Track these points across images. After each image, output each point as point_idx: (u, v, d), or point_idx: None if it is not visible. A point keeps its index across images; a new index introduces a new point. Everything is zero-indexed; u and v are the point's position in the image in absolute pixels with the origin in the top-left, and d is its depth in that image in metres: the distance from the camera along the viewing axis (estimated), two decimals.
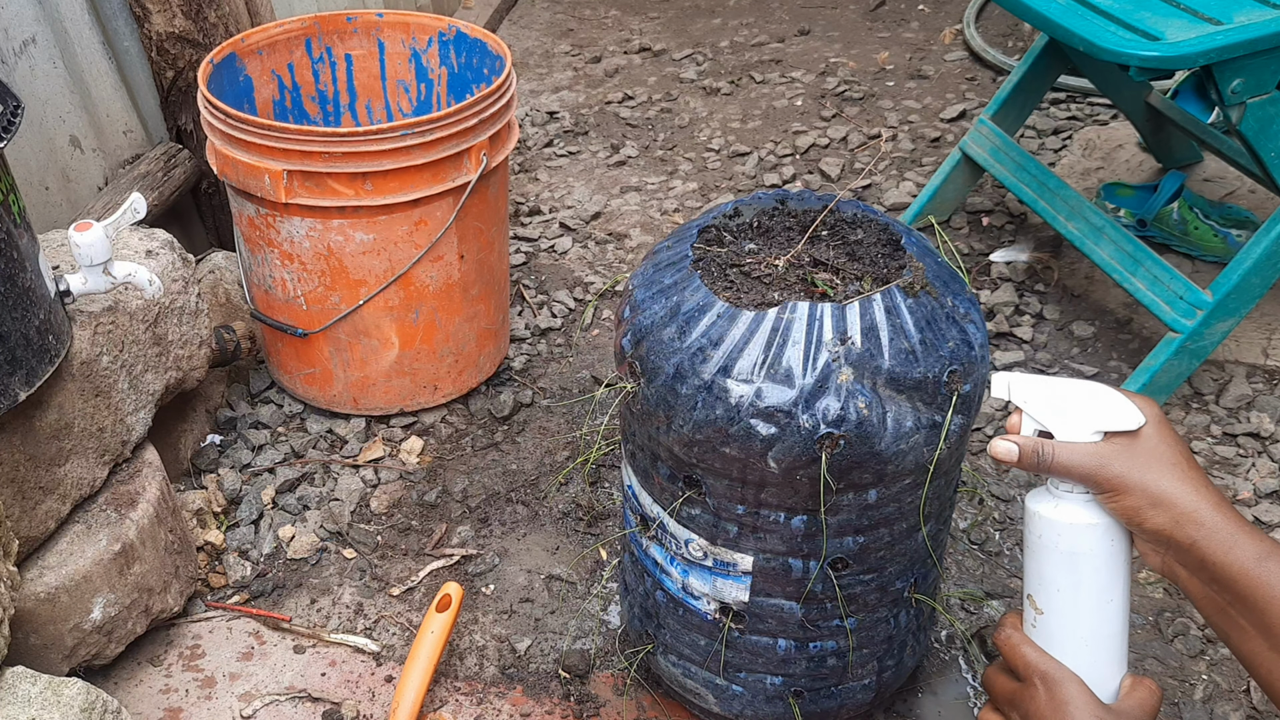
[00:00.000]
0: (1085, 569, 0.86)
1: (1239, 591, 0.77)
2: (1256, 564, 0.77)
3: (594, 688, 1.38)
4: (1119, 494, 0.83)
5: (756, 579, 1.09)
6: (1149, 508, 0.81)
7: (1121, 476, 0.83)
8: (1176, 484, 0.81)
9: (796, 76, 2.94)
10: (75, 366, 1.28)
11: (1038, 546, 0.89)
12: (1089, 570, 0.86)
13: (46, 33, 1.62)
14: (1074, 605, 0.88)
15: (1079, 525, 0.86)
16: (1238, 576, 0.77)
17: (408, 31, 1.85)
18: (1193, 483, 0.81)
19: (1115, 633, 0.88)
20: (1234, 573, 0.77)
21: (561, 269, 2.21)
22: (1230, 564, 0.78)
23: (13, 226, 1.11)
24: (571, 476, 1.70)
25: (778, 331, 0.95)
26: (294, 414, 1.83)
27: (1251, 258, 1.59)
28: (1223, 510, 0.80)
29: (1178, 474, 0.82)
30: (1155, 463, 0.83)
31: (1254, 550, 0.77)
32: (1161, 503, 0.81)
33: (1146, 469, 0.82)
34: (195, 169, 1.92)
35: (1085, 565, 0.86)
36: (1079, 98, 2.67)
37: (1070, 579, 0.87)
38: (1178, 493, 0.81)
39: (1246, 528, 0.79)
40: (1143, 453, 0.83)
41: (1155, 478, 0.82)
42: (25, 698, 1.04)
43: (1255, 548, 0.77)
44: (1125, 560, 0.87)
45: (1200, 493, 0.81)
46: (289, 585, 1.54)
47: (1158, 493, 0.81)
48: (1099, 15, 1.57)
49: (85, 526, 1.32)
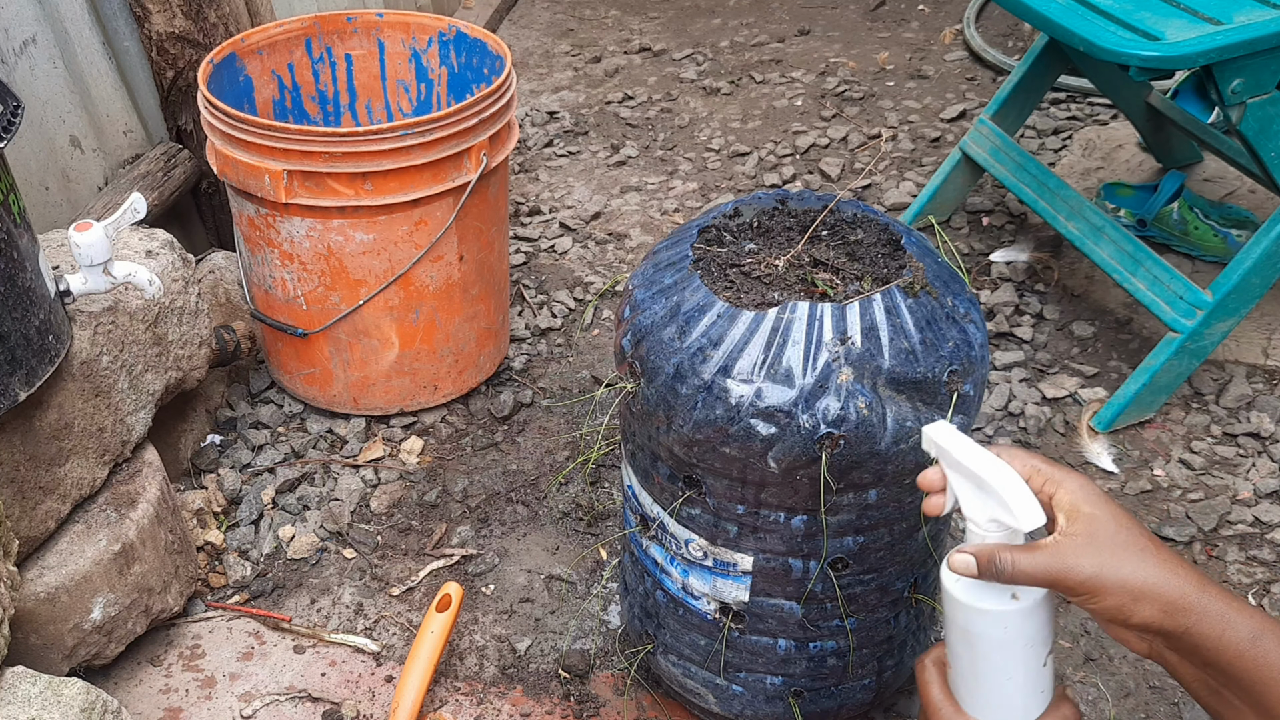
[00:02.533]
0: (980, 648, 0.82)
1: (1234, 674, 0.74)
2: (1251, 644, 0.73)
3: (594, 688, 1.38)
4: (1095, 595, 0.76)
5: (756, 579, 1.09)
6: (1132, 604, 0.75)
7: (1094, 577, 0.76)
8: (1156, 571, 0.75)
9: (796, 76, 2.94)
10: (75, 366, 1.28)
11: (963, 634, 0.84)
12: (984, 650, 0.82)
13: (46, 33, 1.62)
14: (973, 675, 0.84)
15: (972, 608, 0.80)
16: (1233, 659, 0.73)
17: (408, 31, 1.85)
18: (1169, 565, 0.76)
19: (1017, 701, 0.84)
20: (1230, 656, 0.73)
21: (561, 269, 2.21)
22: (1225, 647, 0.73)
23: (13, 226, 1.11)
24: (571, 476, 1.70)
25: (778, 331, 0.95)
26: (294, 414, 1.83)
27: (1251, 258, 1.59)
28: (1208, 590, 0.75)
29: (1151, 560, 0.76)
30: (1124, 552, 0.76)
31: (1247, 630, 0.73)
32: (1145, 596, 0.75)
33: (1119, 562, 0.75)
34: (195, 169, 1.92)
35: (980, 645, 0.82)
36: (1079, 98, 2.67)
37: (967, 652, 0.83)
38: (1159, 581, 0.75)
39: (1235, 604, 0.75)
40: (1107, 543, 0.77)
41: (1131, 570, 0.75)
42: (25, 698, 1.04)
43: (1248, 626, 0.74)
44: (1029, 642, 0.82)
45: (1180, 573, 0.75)
46: (289, 585, 1.54)
47: (1139, 587, 0.75)
48: (1099, 15, 1.57)
49: (85, 526, 1.32)
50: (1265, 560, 1.52)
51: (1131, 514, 0.80)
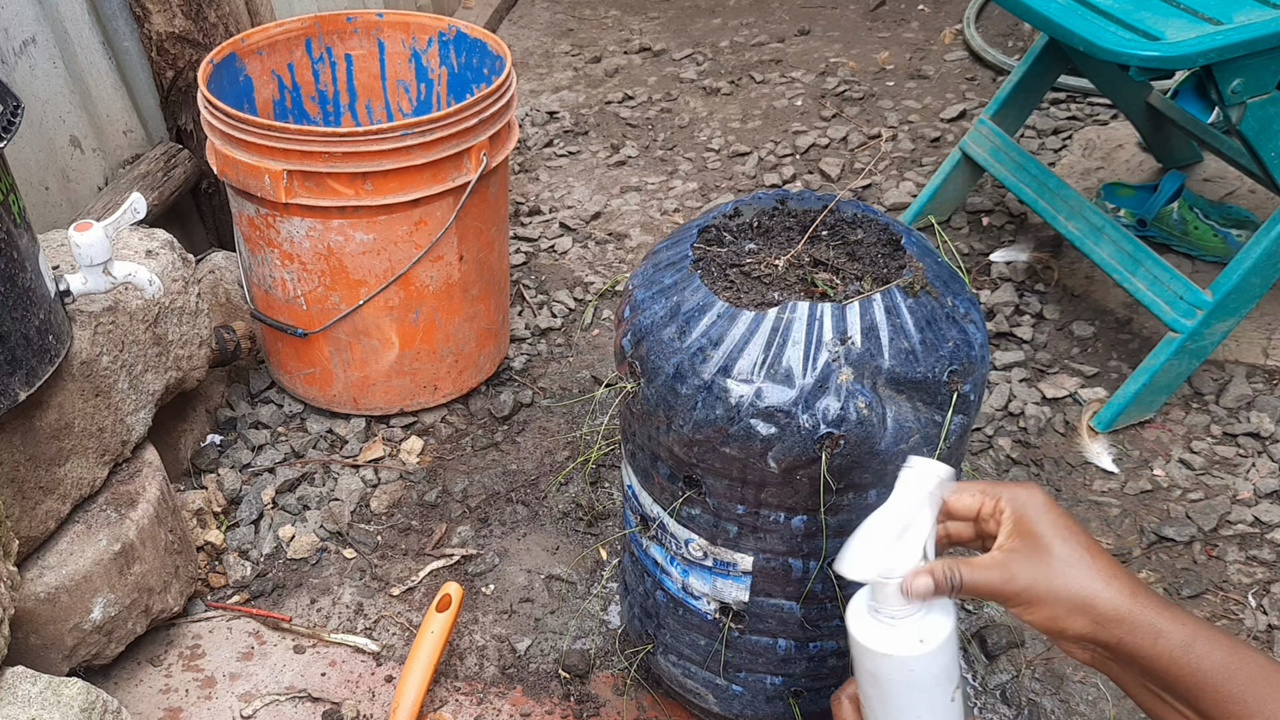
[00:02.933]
0: (888, 690, 0.84)
1: (1170, 681, 0.75)
2: (1184, 651, 0.74)
3: (594, 688, 1.38)
4: (1031, 606, 0.78)
5: (756, 579, 1.09)
6: (1066, 615, 0.77)
7: (1029, 588, 0.78)
8: (1089, 583, 0.77)
9: (796, 76, 2.94)
10: (75, 366, 1.28)
11: (872, 677, 0.86)
12: (892, 691, 0.84)
13: (46, 33, 1.62)
14: (884, 714, 0.86)
15: (877, 654, 0.82)
16: (1168, 667, 0.75)
17: (408, 31, 1.85)
18: (1104, 575, 0.77)
19: None
20: (1164, 664, 0.75)
21: (561, 269, 2.21)
22: (1159, 656, 0.75)
23: (13, 226, 1.11)
24: (571, 476, 1.70)
25: (778, 331, 0.95)
26: (294, 414, 1.83)
27: (1251, 258, 1.59)
28: (1140, 599, 0.76)
29: (1087, 572, 0.77)
30: (1061, 564, 0.78)
31: (1180, 638, 0.75)
32: (1080, 607, 0.77)
33: (1054, 574, 0.77)
34: (195, 169, 1.92)
35: (888, 687, 0.84)
36: (1079, 98, 2.67)
37: (876, 693, 0.85)
38: (1094, 591, 0.76)
39: (1168, 612, 0.76)
40: (1044, 555, 0.78)
41: (1066, 581, 0.77)
42: (25, 698, 1.04)
43: (1180, 634, 0.75)
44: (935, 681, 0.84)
45: (1113, 584, 0.77)
46: (289, 585, 1.54)
47: (1072, 597, 0.77)
48: (1099, 15, 1.57)
49: (85, 526, 1.32)
50: (1265, 560, 1.52)
51: (1077, 525, 0.81)
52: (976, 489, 0.85)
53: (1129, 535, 1.57)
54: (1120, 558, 1.52)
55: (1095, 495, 1.64)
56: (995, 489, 0.84)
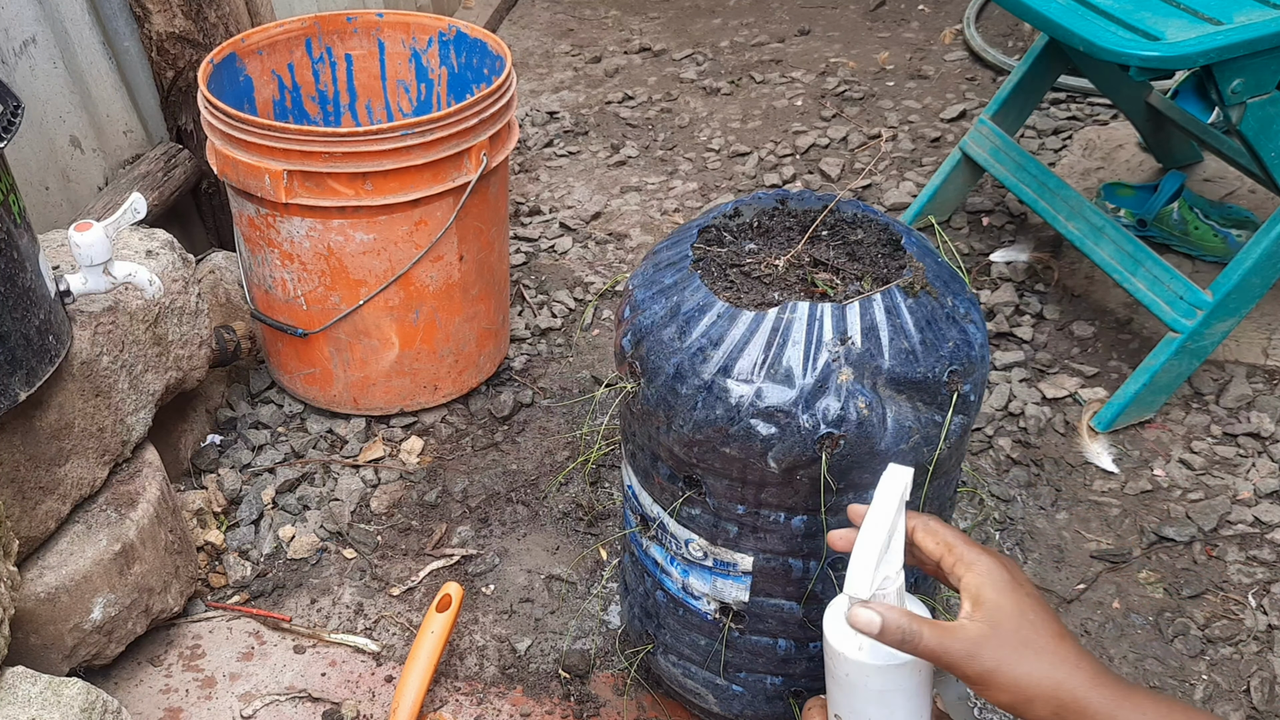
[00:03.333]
0: (898, 702, 0.84)
1: None
2: None
3: (594, 688, 1.38)
4: (990, 688, 0.78)
5: (757, 579, 1.09)
6: (1026, 703, 0.76)
7: (992, 671, 0.77)
8: (1053, 670, 0.76)
9: (796, 76, 2.94)
10: (75, 367, 1.28)
11: (845, 684, 0.86)
12: (902, 701, 0.84)
13: (46, 33, 1.62)
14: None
15: (890, 667, 0.82)
16: None
17: (408, 31, 1.85)
18: (1068, 663, 0.77)
19: None
20: None
21: (561, 269, 2.21)
22: None
23: (13, 226, 1.11)
24: (571, 476, 1.70)
25: (778, 331, 0.95)
26: (294, 414, 1.83)
27: (1251, 258, 1.59)
28: (1100, 685, 0.76)
29: (1048, 659, 0.77)
30: (1023, 649, 0.77)
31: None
32: (1042, 696, 0.76)
33: (1016, 660, 0.77)
34: (195, 169, 1.92)
35: (897, 699, 0.84)
36: (1079, 98, 2.67)
37: (883, 712, 0.85)
38: (1056, 682, 0.76)
39: (1129, 700, 0.75)
40: (1008, 637, 0.78)
41: (1030, 669, 0.76)
42: (25, 698, 1.04)
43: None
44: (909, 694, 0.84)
45: (1078, 673, 0.76)
46: (289, 585, 1.54)
47: (1034, 686, 0.76)
48: (1099, 15, 1.57)
49: (85, 527, 1.32)
50: (1265, 560, 1.52)
51: (1040, 601, 0.80)
52: (942, 540, 0.84)
53: (1129, 535, 1.57)
54: (1120, 558, 1.53)
55: (1095, 495, 1.64)
56: (960, 549, 0.83)
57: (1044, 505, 1.63)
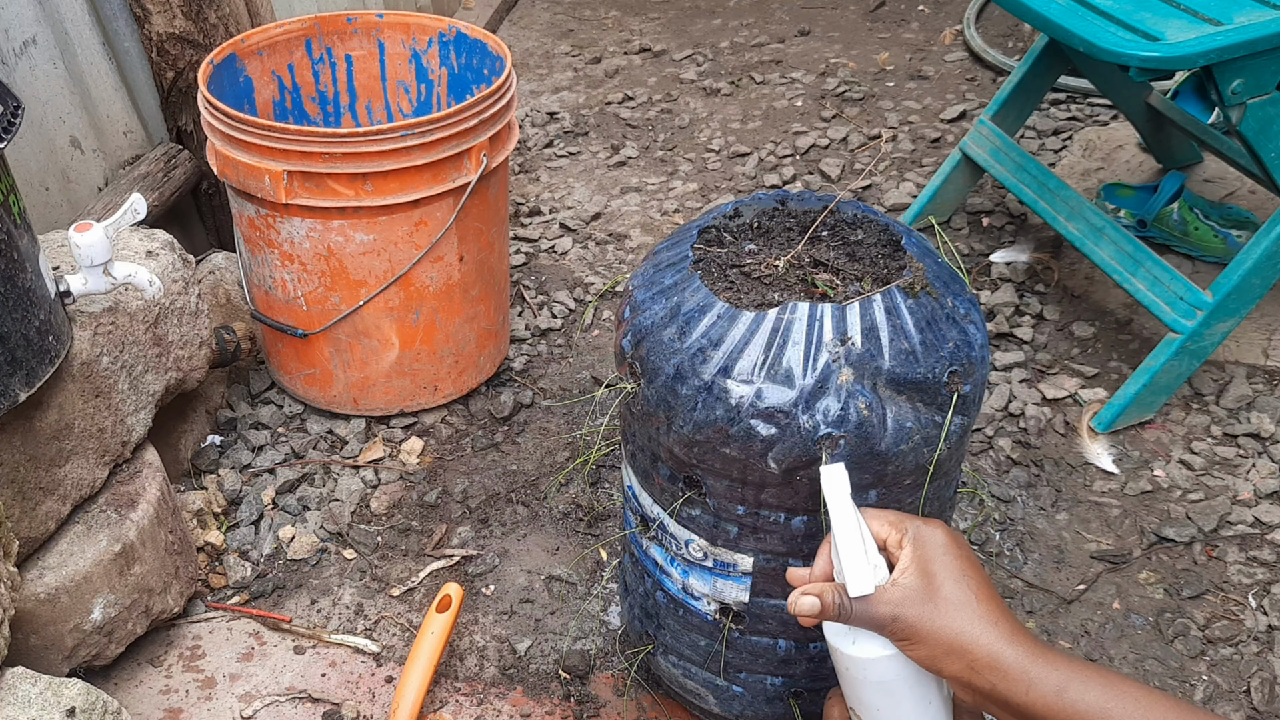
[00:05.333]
0: (900, 690, 0.86)
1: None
2: (1057, 696, 0.75)
3: (594, 688, 1.38)
4: (912, 644, 0.81)
5: (757, 579, 1.09)
6: (943, 656, 0.79)
7: (913, 626, 0.80)
8: (969, 625, 0.79)
9: (797, 77, 2.94)
10: (75, 367, 1.28)
11: (849, 678, 0.88)
12: (904, 689, 0.86)
13: (47, 33, 1.62)
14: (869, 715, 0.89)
15: (882, 658, 0.85)
16: (1043, 713, 0.76)
17: (408, 32, 1.85)
18: (985, 620, 0.79)
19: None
20: (1039, 710, 0.76)
21: (561, 269, 2.21)
22: (1033, 703, 0.76)
23: (13, 227, 1.11)
24: (571, 477, 1.70)
25: (778, 332, 0.95)
26: (294, 414, 1.83)
27: (1251, 258, 1.59)
28: (1017, 643, 0.78)
29: (969, 614, 0.79)
30: (946, 605, 0.80)
31: (1053, 683, 0.76)
32: (955, 650, 0.78)
33: (937, 614, 0.80)
34: (195, 169, 1.92)
35: (899, 687, 0.86)
36: (1079, 98, 2.67)
37: (888, 700, 0.87)
38: (971, 636, 0.78)
39: (1042, 658, 0.77)
40: (933, 595, 0.81)
41: (946, 623, 0.79)
42: (25, 698, 1.04)
43: (1054, 680, 0.76)
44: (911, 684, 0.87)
45: (993, 629, 0.78)
46: (289, 586, 1.54)
47: (950, 640, 0.79)
48: (1099, 15, 1.57)
49: (85, 527, 1.32)
50: (1265, 561, 1.52)
51: (974, 566, 0.83)
52: (887, 520, 0.87)
53: (1129, 536, 1.57)
54: (1120, 558, 1.53)
55: (1095, 496, 1.64)
56: (903, 522, 0.86)
57: (1044, 506, 1.63)
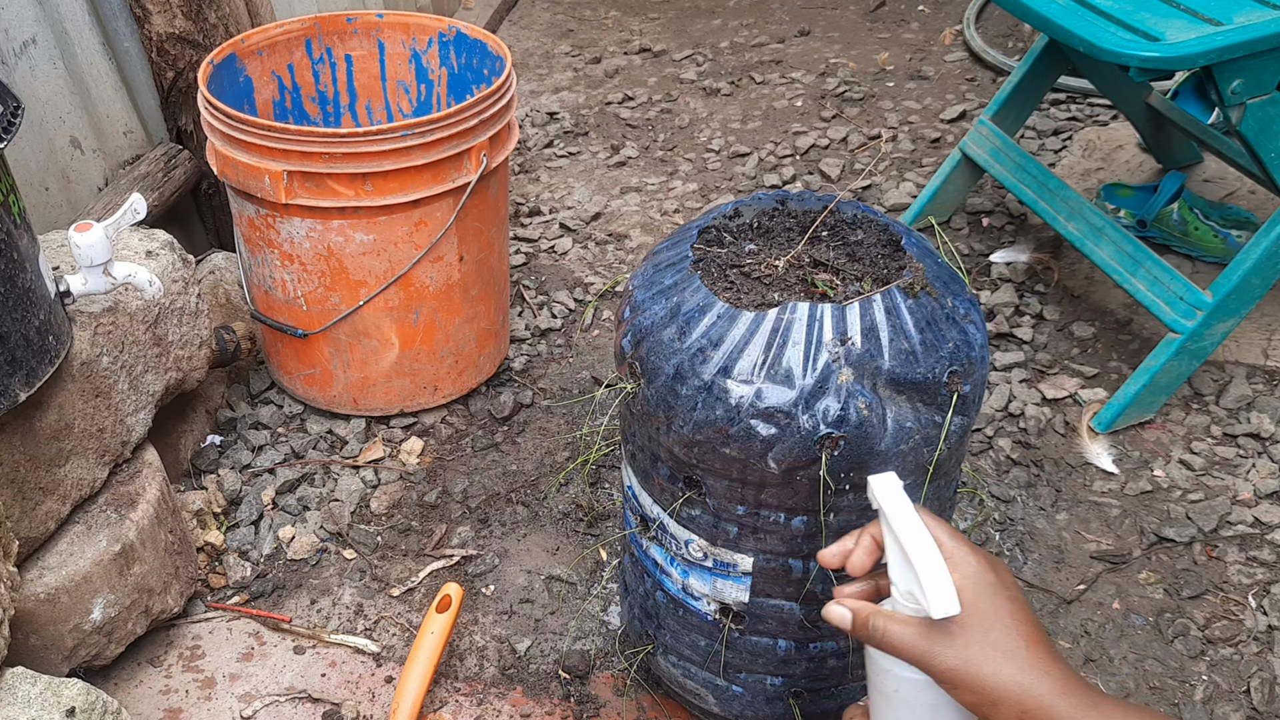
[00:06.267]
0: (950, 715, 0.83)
1: None
2: None
3: (594, 688, 1.38)
4: (956, 688, 0.77)
5: (757, 580, 1.09)
6: (990, 706, 0.75)
7: (955, 671, 0.76)
8: (1016, 676, 0.75)
9: (796, 77, 2.94)
10: (75, 367, 1.28)
11: (895, 699, 0.84)
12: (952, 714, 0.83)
13: (46, 33, 1.62)
14: None
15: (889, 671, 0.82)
16: None
17: (408, 32, 1.85)
18: (1036, 669, 0.75)
19: None
20: None
21: (561, 269, 2.21)
22: None
23: (13, 227, 1.11)
24: (571, 477, 1.70)
25: (778, 332, 0.95)
26: (294, 414, 1.83)
27: (1251, 258, 1.59)
28: (1068, 692, 0.74)
29: (1017, 662, 0.75)
30: (992, 651, 0.76)
31: None
32: (1003, 701, 0.75)
33: (983, 661, 0.75)
34: (195, 170, 1.92)
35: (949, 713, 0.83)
36: (1079, 98, 2.67)
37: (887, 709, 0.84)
38: (1022, 688, 0.74)
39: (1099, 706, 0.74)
40: (977, 639, 0.76)
41: (993, 671, 0.75)
42: (25, 698, 1.04)
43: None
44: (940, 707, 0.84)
45: (1045, 680, 0.75)
46: (289, 586, 1.54)
47: (997, 690, 0.75)
48: (1099, 16, 1.57)
49: (85, 527, 1.32)
50: (1265, 561, 1.52)
51: (1022, 605, 0.79)
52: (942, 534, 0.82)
53: (1129, 536, 1.57)
54: (1120, 558, 1.53)
55: (1095, 496, 1.64)
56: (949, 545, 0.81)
57: (1044, 506, 1.63)
